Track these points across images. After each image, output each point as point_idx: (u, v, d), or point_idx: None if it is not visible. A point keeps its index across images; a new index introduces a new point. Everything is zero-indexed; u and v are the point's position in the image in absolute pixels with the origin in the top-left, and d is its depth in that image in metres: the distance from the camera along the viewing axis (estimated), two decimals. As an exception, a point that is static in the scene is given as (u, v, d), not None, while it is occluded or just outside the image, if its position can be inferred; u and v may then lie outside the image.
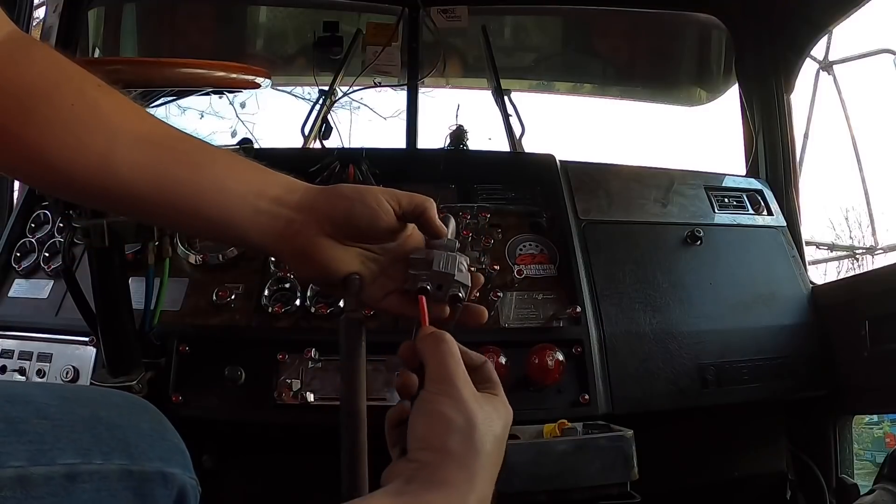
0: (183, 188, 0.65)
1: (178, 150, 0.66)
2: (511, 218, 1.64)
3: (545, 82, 2.53)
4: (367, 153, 1.64)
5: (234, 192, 0.67)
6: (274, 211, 0.68)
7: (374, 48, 2.03)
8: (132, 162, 0.63)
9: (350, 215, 0.68)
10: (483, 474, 0.57)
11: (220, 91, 1.41)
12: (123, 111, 0.65)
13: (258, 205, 0.68)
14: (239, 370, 1.33)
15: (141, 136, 0.64)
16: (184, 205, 0.66)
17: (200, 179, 0.66)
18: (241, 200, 0.67)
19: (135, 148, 0.64)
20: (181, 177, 0.65)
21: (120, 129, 0.63)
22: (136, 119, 0.65)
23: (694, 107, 2.51)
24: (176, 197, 0.65)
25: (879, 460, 1.51)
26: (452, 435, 0.57)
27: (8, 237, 1.58)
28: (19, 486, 0.57)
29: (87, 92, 0.63)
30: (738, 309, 1.61)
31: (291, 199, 0.69)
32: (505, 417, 0.61)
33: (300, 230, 0.68)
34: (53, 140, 0.61)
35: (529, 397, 1.38)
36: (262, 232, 0.68)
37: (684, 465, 1.66)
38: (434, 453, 0.56)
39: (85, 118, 0.62)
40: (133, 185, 0.64)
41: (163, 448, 0.69)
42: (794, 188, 1.95)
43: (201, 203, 0.66)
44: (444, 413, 0.58)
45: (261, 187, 0.68)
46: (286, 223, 0.68)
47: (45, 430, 0.60)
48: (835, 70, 2.23)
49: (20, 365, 1.41)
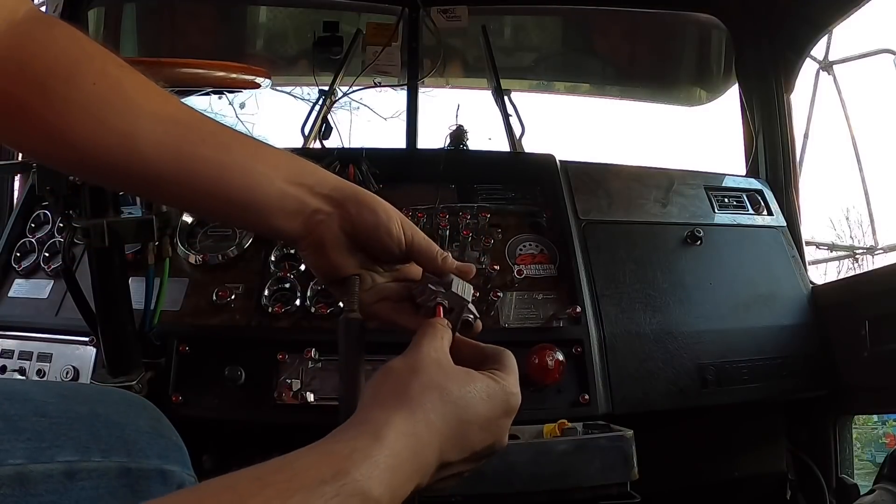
0: (207, 168, 0.65)
1: (203, 131, 0.65)
2: (511, 218, 1.64)
3: (545, 82, 2.53)
4: (367, 153, 1.64)
5: (261, 174, 0.66)
6: (302, 197, 0.68)
7: (374, 48, 2.03)
8: (155, 141, 0.62)
9: (372, 230, 0.69)
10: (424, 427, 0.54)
11: (221, 91, 1.41)
12: (147, 91, 0.64)
13: (286, 189, 0.67)
14: (239, 370, 1.33)
15: (165, 116, 0.63)
16: (208, 185, 0.65)
17: (226, 159, 0.65)
18: (268, 183, 0.66)
19: (158, 127, 0.63)
20: (206, 156, 0.64)
21: (143, 109, 0.63)
22: (159, 99, 0.64)
23: (694, 107, 2.51)
24: (199, 176, 0.65)
25: (879, 460, 1.51)
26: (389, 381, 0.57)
27: (8, 237, 1.58)
28: (18, 483, 0.57)
29: (110, 71, 0.63)
30: (738, 309, 1.60)
31: (322, 191, 0.69)
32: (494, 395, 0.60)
33: (323, 222, 0.69)
34: (75, 119, 0.60)
35: (529, 397, 1.37)
36: (286, 215, 0.68)
37: (684, 465, 1.66)
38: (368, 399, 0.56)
39: (107, 97, 0.61)
40: (156, 163, 0.63)
41: (161, 445, 0.69)
42: (794, 188, 1.95)
43: (226, 183, 0.65)
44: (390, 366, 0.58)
45: (291, 172, 0.68)
46: (312, 212, 0.68)
47: (43, 428, 0.60)
48: (835, 70, 2.23)
49: (20, 365, 1.41)
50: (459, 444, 0.57)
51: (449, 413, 0.56)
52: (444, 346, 0.62)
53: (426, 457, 0.54)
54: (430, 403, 0.55)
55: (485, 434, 0.59)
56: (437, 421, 0.55)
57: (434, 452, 0.55)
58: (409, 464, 0.52)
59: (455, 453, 0.57)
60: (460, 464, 0.58)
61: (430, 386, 0.56)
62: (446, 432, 0.55)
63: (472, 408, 0.58)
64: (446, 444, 0.56)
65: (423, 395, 0.55)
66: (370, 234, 0.69)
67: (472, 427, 0.57)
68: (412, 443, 0.53)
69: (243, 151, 0.67)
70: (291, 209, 0.68)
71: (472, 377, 0.60)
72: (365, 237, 0.69)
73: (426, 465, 0.54)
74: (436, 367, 0.58)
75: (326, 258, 0.70)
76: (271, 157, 0.68)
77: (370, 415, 0.54)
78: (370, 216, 0.69)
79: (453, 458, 0.57)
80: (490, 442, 0.60)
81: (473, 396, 0.58)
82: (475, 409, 0.58)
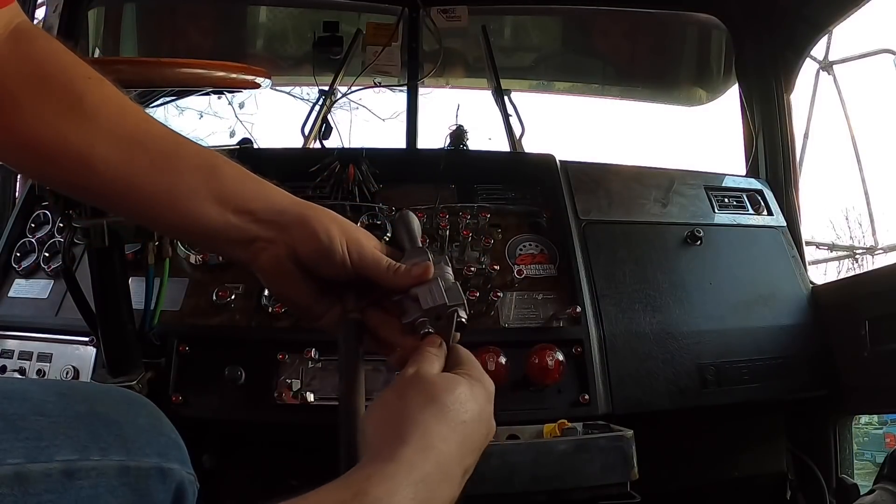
0: (155, 192, 0.65)
1: (155, 151, 0.66)
2: (511, 218, 1.64)
3: (545, 82, 2.54)
4: (367, 153, 1.64)
5: (207, 201, 0.66)
6: (244, 226, 0.68)
7: (374, 48, 2.03)
8: (109, 159, 0.64)
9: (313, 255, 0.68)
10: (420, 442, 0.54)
11: (220, 91, 1.41)
12: (108, 105, 0.65)
13: (230, 218, 0.67)
14: (239, 370, 1.33)
15: (120, 133, 0.65)
16: (159, 207, 0.66)
17: (175, 184, 0.66)
18: (213, 211, 0.67)
19: (112, 144, 0.64)
20: (154, 180, 0.65)
21: (101, 126, 0.64)
22: (118, 115, 0.65)
23: (694, 107, 2.51)
24: (151, 199, 0.66)
25: (879, 460, 1.51)
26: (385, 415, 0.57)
27: (8, 237, 1.58)
28: (17, 483, 0.57)
29: (76, 84, 0.64)
30: (738, 309, 1.60)
31: (266, 217, 0.68)
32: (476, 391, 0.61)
33: (266, 249, 0.68)
34: (40, 131, 0.62)
35: (529, 397, 1.38)
36: (230, 243, 0.68)
37: (684, 465, 1.65)
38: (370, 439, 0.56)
39: (69, 112, 0.63)
40: (110, 181, 0.64)
41: (160, 443, 0.69)
42: (794, 188, 1.95)
43: (172, 209, 0.66)
44: (382, 401, 0.59)
45: (237, 199, 0.67)
46: (252, 237, 0.68)
47: (42, 427, 0.60)
48: (835, 70, 2.23)
49: (20, 365, 1.41)
50: (470, 446, 0.58)
51: (451, 419, 0.57)
52: (427, 364, 0.62)
53: (450, 467, 0.55)
54: (435, 418, 0.56)
55: (483, 427, 0.60)
56: (449, 432, 0.56)
57: (455, 462, 0.55)
58: (435, 476, 0.52)
59: (471, 455, 0.58)
60: (473, 463, 0.59)
61: (428, 402, 0.57)
62: (458, 438, 0.56)
63: (468, 408, 0.58)
64: (462, 450, 0.56)
65: (425, 413, 0.56)
66: (313, 260, 0.68)
67: (472, 425, 0.58)
68: (433, 456, 0.53)
69: (191, 176, 0.67)
70: (235, 238, 0.68)
71: (454, 381, 0.60)
72: (310, 264, 0.68)
73: (452, 475, 0.55)
74: (421, 384, 0.59)
75: (277, 286, 0.71)
76: (219, 180, 0.68)
77: (381, 448, 0.53)
78: (311, 241, 0.67)
79: (469, 461, 0.58)
80: (486, 432, 0.61)
81: (464, 397, 0.59)
82: (471, 409, 0.59)
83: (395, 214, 1.60)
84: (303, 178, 1.62)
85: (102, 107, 0.65)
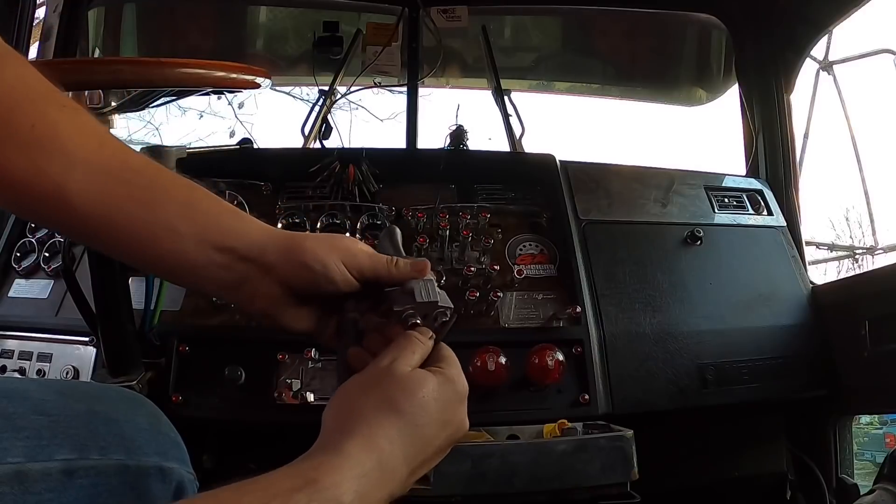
0: (133, 226, 0.63)
1: (132, 184, 0.63)
2: (511, 218, 1.64)
3: (545, 82, 2.54)
4: (367, 153, 1.64)
5: (186, 237, 0.64)
6: (226, 263, 0.66)
7: (374, 48, 2.03)
8: (86, 193, 0.61)
9: (312, 285, 0.67)
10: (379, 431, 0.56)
11: (220, 91, 1.41)
12: (84, 135, 0.62)
13: (213, 256, 0.65)
14: (239, 370, 1.33)
15: (97, 165, 0.62)
16: (138, 244, 0.64)
17: (153, 219, 0.63)
18: (194, 246, 0.64)
19: (89, 178, 0.61)
20: (133, 213, 0.63)
21: (77, 157, 0.61)
22: (94, 146, 0.62)
23: (694, 107, 2.51)
24: (128, 234, 0.63)
25: (879, 460, 1.51)
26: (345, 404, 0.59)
27: (8, 237, 1.58)
28: (17, 481, 0.57)
29: (49, 114, 0.61)
30: (738, 309, 1.60)
31: (249, 254, 0.66)
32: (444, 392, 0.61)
33: (255, 286, 0.67)
34: (12, 161, 0.59)
35: (529, 397, 1.38)
36: (215, 283, 0.66)
37: (684, 465, 1.65)
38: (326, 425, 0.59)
39: (43, 142, 0.60)
40: (85, 215, 0.61)
41: (160, 442, 0.69)
42: (794, 188, 1.95)
43: (151, 245, 0.64)
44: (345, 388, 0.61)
45: (216, 236, 0.65)
46: (239, 277, 0.66)
47: (42, 426, 0.60)
48: (835, 70, 2.23)
49: (20, 365, 1.41)
50: (422, 448, 0.59)
51: (404, 424, 0.58)
52: (406, 355, 0.62)
53: (393, 467, 0.56)
54: (387, 420, 0.57)
55: (443, 430, 0.61)
56: (396, 435, 0.57)
57: (400, 462, 0.57)
58: (375, 473, 0.55)
59: (419, 457, 0.59)
60: (428, 462, 0.61)
61: (383, 403, 0.58)
62: (407, 441, 0.58)
63: (426, 412, 0.59)
64: (410, 452, 0.58)
65: (378, 413, 0.57)
66: (312, 289, 0.67)
67: (429, 429, 0.60)
68: (376, 456, 0.55)
69: (171, 209, 0.64)
70: (217, 277, 0.66)
71: (422, 380, 0.61)
72: (310, 293, 0.68)
73: (395, 474, 0.57)
74: (387, 380, 0.60)
75: (280, 322, 0.70)
76: (198, 215, 0.65)
77: (331, 438, 0.56)
78: (304, 272, 0.66)
79: (419, 462, 0.59)
80: (449, 434, 0.62)
81: (425, 400, 0.59)
82: (429, 413, 0.59)
83: (393, 215, 1.60)
84: (303, 178, 1.62)
85: (77, 137, 0.62)
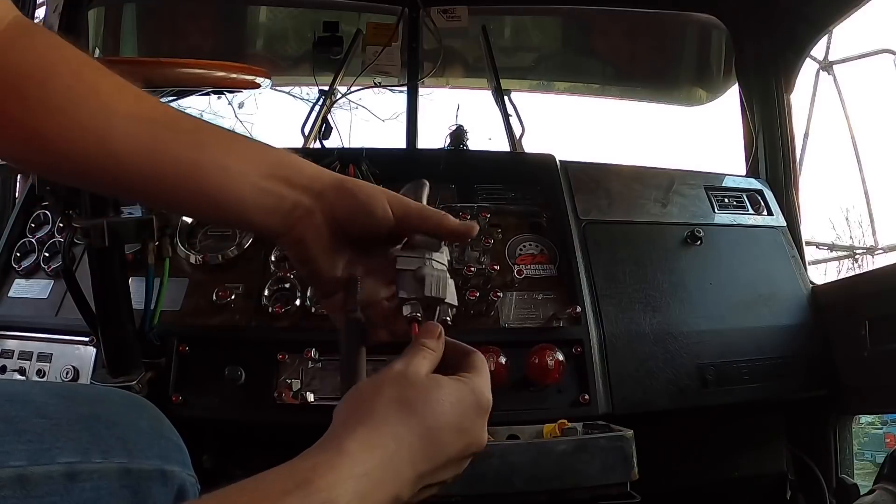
0: (182, 165, 0.64)
1: (177, 129, 0.64)
2: (511, 218, 1.64)
3: (545, 82, 2.53)
4: (367, 153, 1.64)
5: (236, 171, 0.65)
6: (279, 191, 0.66)
7: (374, 48, 2.03)
8: (129, 140, 0.62)
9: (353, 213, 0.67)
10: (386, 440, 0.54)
11: (220, 91, 1.41)
12: (122, 92, 0.64)
13: (262, 184, 0.65)
14: (239, 370, 1.33)
15: (139, 115, 0.63)
16: (183, 183, 0.64)
17: (200, 156, 0.64)
18: (243, 179, 0.65)
19: (131, 126, 0.62)
20: (180, 154, 0.63)
21: (118, 109, 0.62)
22: (133, 99, 0.64)
23: (694, 107, 2.51)
24: (174, 175, 0.64)
25: (879, 460, 1.51)
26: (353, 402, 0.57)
27: (8, 237, 1.58)
28: (19, 485, 0.57)
29: (85, 74, 0.63)
30: (738, 309, 1.60)
31: (300, 182, 0.67)
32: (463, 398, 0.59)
33: (303, 216, 0.67)
34: (50, 122, 0.60)
35: (529, 397, 1.38)
36: (265, 212, 0.66)
37: (684, 465, 1.66)
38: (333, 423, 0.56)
39: (82, 100, 0.61)
40: (131, 163, 0.62)
41: (161, 446, 0.69)
42: (794, 188, 1.95)
43: (200, 181, 0.64)
44: (357, 388, 0.59)
45: (268, 166, 0.66)
46: (291, 206, 0.67)
47: (44, 430, 0.60)
48: (835, 70, 2.23)
49: (20, 365, 1.41)
50: (432, 453, 0.56)
51: (415, 423, 0.55)
52: (417, 360, 0.60)
53: (398, 468, 0.54)
54: (395, 416, 0.55)
55: (458, 438, 0.58)
56: (405, 433, 0.54)
57: (406, 464, 0.54)
58: (378, 473, 0.52)
59: (429, 462, 0.56)
60: (439, 472, 0.58)
61: (393, 400, 0.56)
62: (416, 442, 0.55)
63: (440, 415, 0.57)
64: (418, 455, 0.55)
65: (388, 409, 0.55)
66: (353, 219, 0.67)
67: (442, 433, 0.57)
68: (380, 454, 0.52)
69: (218, 148, 0.65)
70: (268, 205, 0.66)
71: (439, 384, 0.59)
72: (348, 223, 0.68)
73: (400, 476, 0.54)
74: (400, 381, 0.57)
75: (310, 255, 0.69)
76: (247, 151, 0.67)
77: (333, 433, 0.54)
78: (350, 200, 0.67)
79: (428, 467, 0.56)
80: (464, 444, 0.59)
81: (440, 403, 0.57)
82: (443, 416, 0.57)
83: None
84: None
85: (115, 93, 0.63)
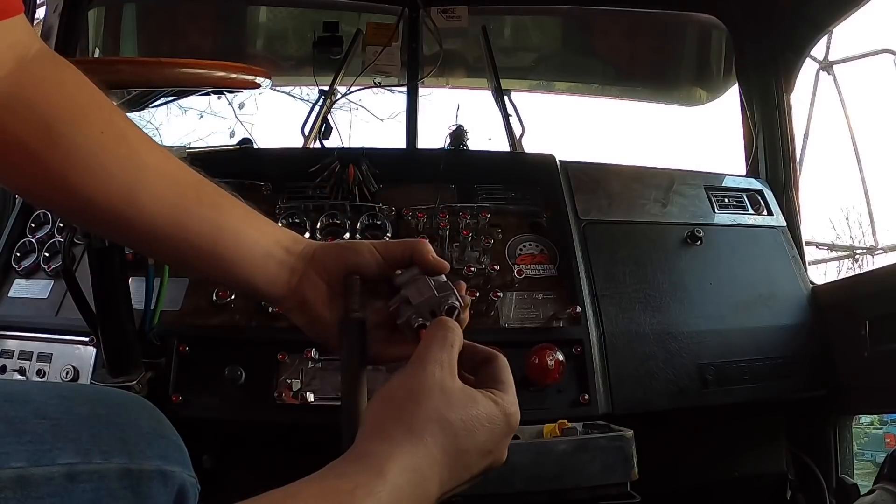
0: (203, 226, 0.67)
1: (200, 190, 0.68)
2: (511, 218, 1.64)
3: (545, 82, 2.53)
4: (367, 153, 1.64)
5: (249, 237, 0.69)
6: (282, 258, 0.71)
7: (374, 48, 2.03)
8: (156, 195, 0.63)
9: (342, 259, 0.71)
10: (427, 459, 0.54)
11: (220, 91, 1.41)
12: (150, 146, 0.65)
13: (270, 250, 0.70)
14: (239, 370, 1.33)
15: (166, 172, 0.65)
16: (201, 243, 0.67)
17: (220, 220, 0.68)
18: (254, 244, 0.70)
19: (159, 181, 0.64)
20: (202, 214, 0.67)
21: (147, 162, 0.63)
22: (161, 156, 0.66)
23: (694, 107, 2.51)
24: (195, 235, 0.67)
25: (879, 460, 1.51)
26: (390, 409, 0.56)
27: (8, 237, 1.57)
28: (20, 486, 0.57)
29: (117, 121, 0.63)
30: (738, 309, 1.60)
31: (296, 249, 0.72)
32: (495, 420, 0.58)
33: (302, 279, 0.71)
34: (79, 165, 0.60)
35: (529, 397, 1.38)
36: (269, 277, 0.71)
37: (684, 465, 1.66)
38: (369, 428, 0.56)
39: (113, 147, 0.61)
40: (155, 218, 0.64)
41: (161, 446, 0.69)
42: (794, 188, 1.95)
43: (218, 242, 0.68)
44: (391, 391, 0.57)
45: (273, 235, 0.72)
46: (290, 271, 0.71)
47: (44, 430, 0.60)
48: (835, 70, 2.23)
49: (20, 365, 1.41)
50: (458, 473, 0.57)
51: (450, 445, 0.55)
52: (451, 357, 0.60)
53: (427, 490, 0.54)
54: (432, 437, 0.55)
55: (483, 458, 0.59)
56: (439, 454, 0.55)
57: (435, 485, 0.55)
58: (409, 498, 0.53)
59: (454, 482, 0.57)
60: (458, 487, 0.58)
61: (432, 416, 0.55)
62: (447, 463, 0.55)
63: (473, 436, 0.57)
64: (445, 475, 0.56)
65: (426, 426, 0.55)
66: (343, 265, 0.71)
67: (471, 456, 0.57)
68: (414, 478, 0.53)
69: (234, 213, 0.70)
70: (273, 271, 0.71)
71: (475, 401, 0.58)
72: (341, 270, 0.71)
73: (427, 497, 0.55)
74: (438, 393, 0.57)
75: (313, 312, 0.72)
76: (256, 219, 0.72)
77: (372, 447, 0.54)
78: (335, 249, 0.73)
79: (452, 486, 0.57)
80: (488, 464, 0.60)
81: (475, 424, 0.57)
82: (476, 438, 0.57)
83: (393, 215, 1.60)
84: (303, 178, 1.62)
85: (146, 145, 0.64)
